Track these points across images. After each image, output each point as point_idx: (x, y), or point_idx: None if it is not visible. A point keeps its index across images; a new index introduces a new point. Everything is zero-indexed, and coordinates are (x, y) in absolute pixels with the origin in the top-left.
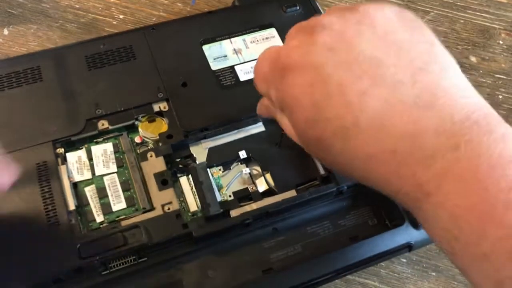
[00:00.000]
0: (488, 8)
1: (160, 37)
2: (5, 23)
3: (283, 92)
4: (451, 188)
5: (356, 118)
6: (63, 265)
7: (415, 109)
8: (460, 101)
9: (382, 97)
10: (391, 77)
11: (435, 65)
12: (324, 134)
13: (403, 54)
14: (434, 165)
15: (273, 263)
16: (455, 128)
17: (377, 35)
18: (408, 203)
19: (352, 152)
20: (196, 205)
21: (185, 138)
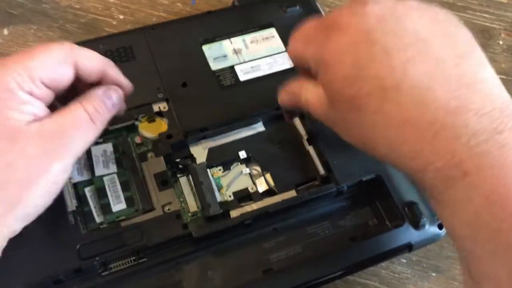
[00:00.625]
0: (488, 8)
1: (160, 37)
2: (5, 23)
3: (325, 49)
4: (491, 173)
5: (397, 81)
6: (63, 265)
7: (457, 87)
8: (497, 92)
9: (426, 69)
10: (435, 54)
11: (475, 57)
12: (360, 92)
13: (447, 39)
14: (477, 145)
15: (273, 263)
16: (496, 114)
17: (426, 17)
18: (435, 181)
19: (386, 115)
20: (196, 206)
21: (185, 138)
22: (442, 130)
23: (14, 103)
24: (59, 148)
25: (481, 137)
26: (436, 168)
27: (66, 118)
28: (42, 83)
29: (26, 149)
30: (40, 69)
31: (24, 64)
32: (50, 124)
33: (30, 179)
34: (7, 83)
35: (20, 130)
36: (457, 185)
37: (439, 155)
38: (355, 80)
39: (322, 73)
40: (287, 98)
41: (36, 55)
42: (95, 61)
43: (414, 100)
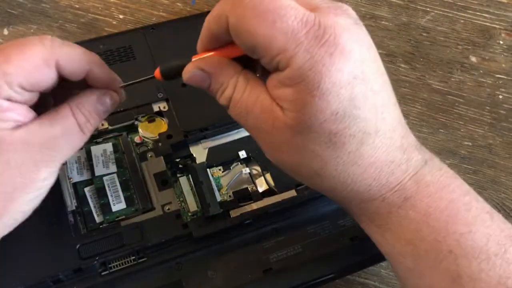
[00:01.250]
0: (488, 8)
1: (160, 37)
2: (5, 23)
3: (325, 70)
4: (426, 192)
5: (378, 126)
6: (63, 265)
7: (404, 127)
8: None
9: (391, 112)
10: (392, 95)
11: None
12: (344, 131)
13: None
14: (415, 174)
15: (273, 263)
16: (421, 148)
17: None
18: (380, 209)
19: (358, 157)
20: (196, 205)
21: (185, 138)
22: (397, 167)
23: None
24: (46, 156)
25: (418, 167)
26: (383, 197)
27: (55, 127)
28: (21, 88)
29: (11, 160)
30: (17, 75)
31: (0, 70)
32: (37, 132)
33: (16, 190)
34: None
35: (4, 139)
36: (399, 209)
37: (389, 187)
38: (345, 118)
39: (305, 95)
40: (198, 80)
41: (12, 59)
42: (77, 61)
43: (384, 144)
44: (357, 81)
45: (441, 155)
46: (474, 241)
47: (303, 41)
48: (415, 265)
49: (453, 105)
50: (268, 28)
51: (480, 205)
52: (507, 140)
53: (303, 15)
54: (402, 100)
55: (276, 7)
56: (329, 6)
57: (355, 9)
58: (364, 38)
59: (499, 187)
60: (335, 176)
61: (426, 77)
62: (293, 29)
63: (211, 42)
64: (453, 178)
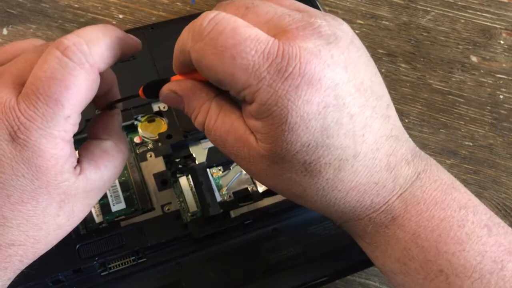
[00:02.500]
0: (489, 7)
1: (160, 37)
2: (4, 23)
3: (291, 105)
4: (415, 211)
5: (357, 151)
6: (62, 266)
7: (392, 141)
8: (408, 139)
9: (376, 130)
10: (380, 109)
11: (392, 104)
12: (319, 160)
13: (381, 86)
14: (404, 192)
15: (273, 263)
16: (414, 159)
17: (366, 61)
18: (367, 228)
19: (339, 182)
20: (196, 206)
21: (184, 138)
22: (382, 187)
23: (63, 163)
24: (99, 195)
25: (408, 184)
26: (370, 218)
27: (109, 169)
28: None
29: (75, 209)
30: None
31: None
32: (95, 179)
33: (68, 230)
34: (54, 142)
35: (70, 193)
36: (386, 229)
37: (375, 208)
38: (318, 149)
39: (274, 129)
40: (174, 102)
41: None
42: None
43: (365, 166)
44: (329, 109)
45: (441, 155)
46: (467, 260)
47: (265, 76)
48: (405, 282)
49: (454, 105)
50: (227, 65)
51: (477, 218)
52: (508, 140)
53: (265, 46)
54: (402, 100)
55: (235, 42)
56: (297, 27)
57: (355, 9)
58: (338, 58)
59: (499, 187)
60: (317, 200)
61: (427, 77)
62: (253, 65)
63: (182, 68)
64: (449, 189)
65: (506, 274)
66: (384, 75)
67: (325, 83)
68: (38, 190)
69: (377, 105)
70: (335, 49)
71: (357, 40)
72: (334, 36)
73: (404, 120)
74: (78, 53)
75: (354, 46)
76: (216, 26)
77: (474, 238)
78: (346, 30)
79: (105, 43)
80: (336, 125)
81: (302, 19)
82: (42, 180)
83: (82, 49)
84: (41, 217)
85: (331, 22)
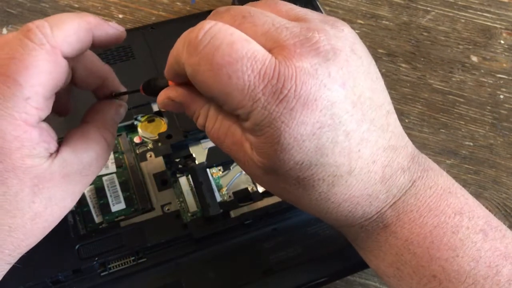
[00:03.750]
0: (490, 7)
1: (160, 37)
2: (4, 22)
3: (285, 127)
4: (408, 219)
5: (351, 167)
6: (62, 266)
7: (389, 151)
8: (406, 139)
9: (373, 143)
10: (379, 120)
11: (392, 109)
12: (312, 177)
13: (381, 93)
14: (397, 201)
15: (273, 263)
16: (411, 166)
17: (366, 69)
18: (360, 234)
19: (333, 196)
20: (196, 206)
21: (184, 138)
22: (375, 199)
23: (30, 146)
24: (83, 183)
25: (401, 192)
26: (362, 225)
27: (89, 153)
28: (44, 99)
29: (52, 196)
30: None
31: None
32: (73, 162)
33: (53, 222)
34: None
35: (44, 177)
36: (378, 236)
37: (368, 216)
38: (311, 167)
39: (267, 147)
40: (173, 108)
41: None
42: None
43: (360, 180)
44: (324, 130)
45: (441, 155)
46: (460, 266)
47: (260, 97)
48: (399, 286)
49: (454, 105)
50: (223, 84)
51: (473, 223)
52: (508, 140)
53: (262, 66)
54: (402, 100)
55: (232, 61)
56: (295, 43)
57: (355, 9)
58: (336, 75)
59: (500, 187)
60: (310, 208)
61: (427, 77)
62: (249, 85)
63: (175, 77)
64: (445, 195)
65: (501, 279)
66: (384, 75)
67: (321, 103)
68: (5, 174)
69: (376, 116)
70: (332, 66)
71: (358, 45)
72: (333, 51)
73: (404, 120)
74: (39, 35)
75: (354, 55)
76: (212, 40)
77: (468, 244)
78: (347, 37)
79: (72, 27)
80: (331, 144)
81: (300, 33)
82: (7, 163)
83: (44, 31)
84: (14, 203)
85: (330, 33)
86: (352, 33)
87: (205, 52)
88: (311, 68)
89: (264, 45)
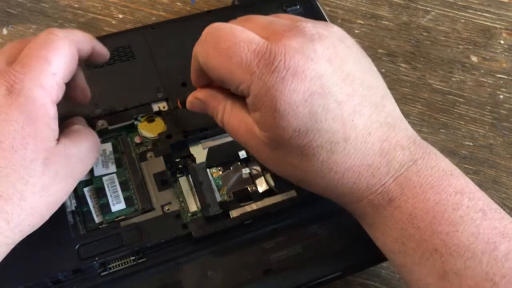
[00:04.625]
0: (489, 7)
1: (160, 37)
2: (4, 23)
3: (278, 93)
4: (411, 194)
5: (346, 134)
6: (62, 266)
7: (386, 128)
8: (407, 125)
9: (367, 115)
10: (371, 98)
11: (389, 94)
12: (311, 143)
13: (373, 78)
14: (400, 175)
15: (273, 263)
16: (411, 146)
17: (356, 57)
18: (367, 209)
19: (333, 164)
20: (196, 206)
21: (184, 138)
22: (377, 170)
23: (49, 119)
24: (81, 169)
25: (403, 168)
26: (369, 200)
27: (85, 143)
28: (62, 85)
29: (59, 171)
30: (60, 73)
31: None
32: (72, 147)
33: (57, 200)
34: (44, 92)
35: (53, 151)
36: (385, 210)
37: (372, 190)
38: (308, 133)
39: (269, 119)
40: (198, 107)
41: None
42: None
43: (358, 149)
44: (315, 97)
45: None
46: (460, 240)
47: (256, 70)
48: (404, 262)
49: (454, 105)
50: (226, 63)
51: (473, 203)
52: (508, 140)
53: (256, 46)
54: (402, 99)
55: (231, 44)
56: (284, 30)
57: (355, 9)
58: (322, 53)
59: (500, 187)
60: (318, 183)
61: (427, 77)
62: (246, 61)
63: (198, 78)
64: (446, 176)
65: (498, 254)
66: (384, 75)
67: (309, 74)
68: (27, 139)
69: (368, 94)
70: (318, 45)
71: (348, 40)
72: (318, 35)
73: None
74: (61, 32)
75: (342, 43)
76: (216, 32)
77: (468, 221)
78: (335, 31)
79: (81, 34)
80: (323, 111)
81: (291, 24)
82: (32, 128)
83: (64, 31)
84: (28, 170)
85: (318, 25)
86: (341, 31)
87: (211, 41)
88: (297, 45)
89: (261, 35)
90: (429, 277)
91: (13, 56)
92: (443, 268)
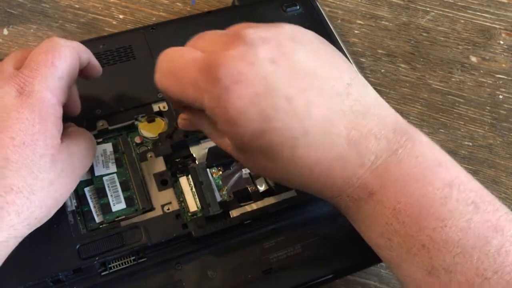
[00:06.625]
0: (489, 8)
1: (160, 37)
2: (4, 23)
3: (226, 103)
4: (393, 187)
5: (304, 127)
6: (62, 265)
7: (354, 117)
8: (387, 112)
9: (325, 106)
10: (330, 89)
11: (359, 81)
12: (271, 143)
13: (334, 69)
14: (378, 166)
15: (273, 263)
16: (390, 134)
17: (310, 51)
18: (348, 203)
19: (299, 159)
20: (196, 205)
21: (184, 138)
22: (348, 162)
23: (56, 119)
24: (82, 166)
25: (381, 159)
26: (348, 193)
27: (83, 142)
28: (67, 83)
29: (64, 168)
30: (66, 76)
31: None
32: (73, 146)
33: (62, 196)
34: (52, 93)
35: (59, 149)
36: (366, 204)
37: (349, 183)
38: (264, 133)
39: (226, 128)
40: (188, 126)
41: (56, 63)
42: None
43: (321, 141)
44: (260, 98)
45: None
46: (448, 236)
47: (203, 86)
48: (391, 257)
49: (453, 105)
50: (180, 85)
51: (464, 196)
52: (508, 140)
53: (200, 63)
54: (402, 100)
55: (181, 66)
56: (228, 41)
57: (355, 9)
58: (264, 56)
59: (499, 187)
60: (292, 180)
61: (426, 77)
62: (195, 80)
63: (175, 102)
64: (433, 166)
65: (490, 249)
66: (383, 75)
67: (252, 78)
68: (37, 135)
69: (327, 85)
70: (260, 49)
71: (302, 36)
72: (262, 39)
73: None
74: (64, 40)
75: (292, 42)
76: (166, 58)
77: (457, 215)
78: (283, 31)
79: (81, 45)
80: (273, 110)
81: (235, 34)
82: (41, 126)
83: (66, 40)
84: (37, 165)
85: (261, 29)
86: (293, 29)
87: (164, 66)
88: (238, 53)
89: (209, 50)
90: (418, 273)
91: (19, 62)
92: (432, 264)
